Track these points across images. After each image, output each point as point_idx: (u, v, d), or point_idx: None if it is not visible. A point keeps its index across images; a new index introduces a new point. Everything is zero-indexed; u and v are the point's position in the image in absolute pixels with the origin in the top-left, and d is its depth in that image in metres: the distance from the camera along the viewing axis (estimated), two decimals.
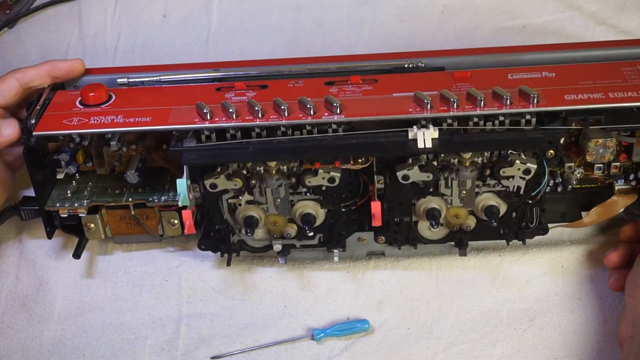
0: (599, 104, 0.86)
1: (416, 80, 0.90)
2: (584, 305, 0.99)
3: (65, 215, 0.93)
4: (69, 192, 0.94)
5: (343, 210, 0.92)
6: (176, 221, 0.95)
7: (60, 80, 0.95)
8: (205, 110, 0.86)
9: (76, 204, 0.93)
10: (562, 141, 0.88)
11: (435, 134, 0.84)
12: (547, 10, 1.08)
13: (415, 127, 0.85)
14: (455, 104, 0.85)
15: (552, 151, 0.86)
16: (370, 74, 0.94)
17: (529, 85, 0.87)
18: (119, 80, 0.96)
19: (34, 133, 0.88)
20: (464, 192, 0.90)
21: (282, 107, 0.86)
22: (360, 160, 0.88)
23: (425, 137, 0.84)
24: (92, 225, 0.95)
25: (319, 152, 0.86)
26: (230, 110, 0.86)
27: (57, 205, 0.93)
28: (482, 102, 0.85)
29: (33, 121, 0.88)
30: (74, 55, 1.07)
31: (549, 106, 0.86)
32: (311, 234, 0.92)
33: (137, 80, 0.96)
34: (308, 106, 0.86)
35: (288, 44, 1.07)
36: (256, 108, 0.86)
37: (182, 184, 0.87)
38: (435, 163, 0.88)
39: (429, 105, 0.85)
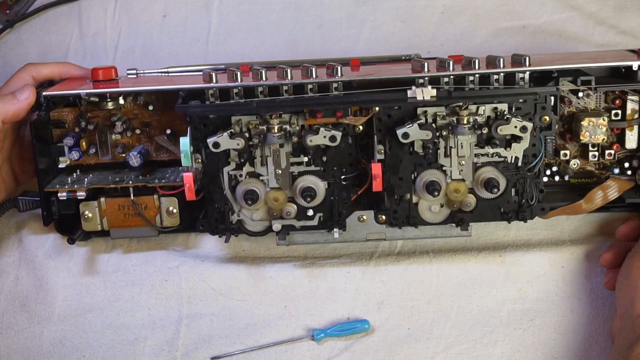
0: (589, 64, 0.92)
1: (413, 63, 0.94)
2: (584, 305, 0.99)
3: (64, 197, 0.93)
4: (69, 180, 0.95)
5: (344, 183, 0.91)
6: (175, 210, 0.94)
7: None
8: (211, 74, 0.90)
9: (76, 186, 0.93)
10: (556, 128, 0.93)
11: (433, 92, 0.88)
12: (547, 10, 1.08)
13: (413, 86, 0.89)
14: (451, 66, 0.90)
15: (546, 117, 0.89)
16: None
17: None
18: (127, 72, 0.99)
19: (43, 93, 0.92)
20: (463, 162, 0.90)
21: (286, 70, 0.90)
22: (361, 114, 0.89)
23: (424, 94, 0.88)
24: (89, 214, 0.94)
25: (321, 104, 0.89)
26: (236, 72, 0.90)
27: (57, 187, 0.93)
28: (477, 64, 0.91)
29: (45, 93, 0.92)
30: (74, 56, 1.07)
31: (541, 66, 0.91)
32: (311, 212, 0.92)
33: (144, 72, 1.00)
34: (311, 68, 0.90)
35: (288, 45, 1.07)
36: (260, 71, 0.90)
37: (185, 142, 0.88)
38: (434, 125, 0.89)
39: (426, 68, 0.90)
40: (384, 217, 0.92)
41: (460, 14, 1.08)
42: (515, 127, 0.88)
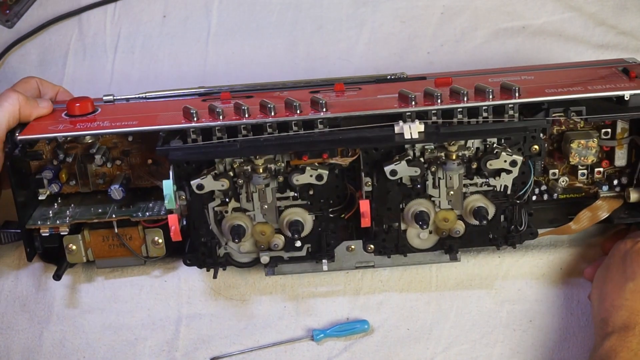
0: (579, 94, 0.88)
1: (399, 86, 0.91)
2: (583, 307, 0.99)
3: (47, 234, 0.92)
4: (50, 212, 0.93)
5: (331, 215, 0.91)
6: (160, 240, 0.93)
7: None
8: (192, 112, 0.87)
9: (58, 222, 0.92)
10: (545, 145, 0.91)
11: (421, 127, 0.85)
12: (547, 11, 1.08)
13: (400, 121, 0.86)
14: (439, 99, 0.87)
15: (536, 146, 0.87)
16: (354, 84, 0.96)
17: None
18: (104, 97, 0.95)
19: (18, 137, 0.88)
20: (452, 192, 0.90)
21: (269, 106, 0.87)
22: (348, 154, 0.88)
23: (412, 130, 0.85)
24: (74, 247, 0.93)
25: (306, 145, 0.86)
26: (217, 110, 0.86)
27: (39, 223, 0.92)
28: (465, 96, 0.87)
29: (17, 133, 0.88)
30: (74, 56, 1.07)
31: (531, 97, 0.87)
32: (299, 244, 0.91)
33: (122, 97, 0.96)
34: (294, 104, 0.87)
35: (288, 45, 1.07)
36: (242, 108, 0.86)
37: (168, 185, 0.86)
38: (422, 160, 0.88)
39: (413, 101, 0.87)
40: (372, 246, 0.92)
41: (460, 15, 1.08)
42: (505, 161, 0.87)
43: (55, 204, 0.95)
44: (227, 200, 0.89)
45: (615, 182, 0.96)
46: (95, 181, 0.96)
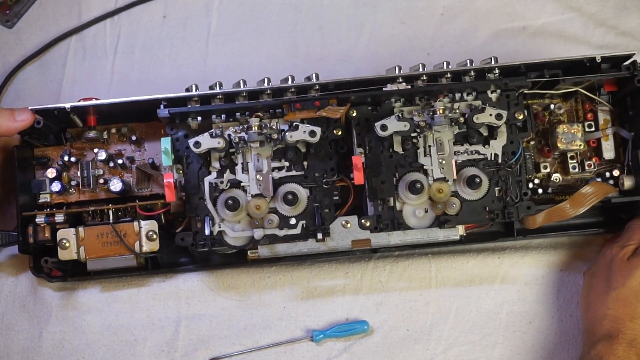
0: (555, 58, 0.94)
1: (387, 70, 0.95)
2: None
3: (42, 221, 0.93)
4: (48, 209, 0.95)
5: (325, 187, 0.91)
6: (155, 235, 0.93)
7: None
8: (192, 85, 0.91)
9: (55, 209, 0.94)
10: (532, 143, 0.97)
11: (408, 87, 0.90)
12: (547, 11, 1.08)
13: (388, 84, 0.90)
14: (424, 67, 0.92)
15: (522, 115, 0.91)
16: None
17: None
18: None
19: (29, 107, 0.91)
20: (443, 160, 0.91)
21: (265, 78, 0.92)
22: (340, 108, 0.90)
23: (399, 87, 0.90)
24: (67, 243, 0.93)
25: (299, 100, 0.90)
26: (217, 82, 0.91)
27: (35, 210, 0.94)
28: (447, 65, 0.92)
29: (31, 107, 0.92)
30: (74, 56, 1.07)
31: (509, 62, 0.92)
32: (294, 221, 0.91)
33: None
34: (289, 82, 0.92)
35: (287, 46, 1.07)
36: (240, 83, 0.91)
37: (166, 140, 0.89)
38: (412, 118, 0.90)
39: (401, 70, 0.92)
40: (368, 222, 0.91)
41: (460, 15, 1.08)
42: (491, 114, 0.89)
43: (54, 208, 0.95)
44: (222, 165, 0.90)
45: (607, 175, 0.97)
46: (96, 184, 0.96)
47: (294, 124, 0.89)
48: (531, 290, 1.00)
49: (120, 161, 0.96)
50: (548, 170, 0.98)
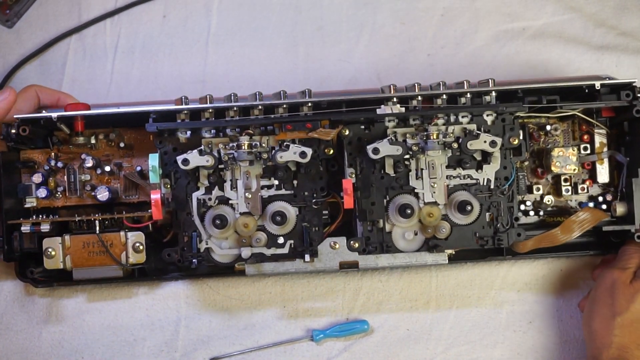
0: (553, 83, 0.93)
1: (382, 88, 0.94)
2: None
3: (27, 230, 0.92)
4: (34, 217, 0.94)
5: (315, 207, 0.91)
6: (142, 246, 0.92)
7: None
8: (182, 98, 0.90)
9: (41, 217, 0.93)
10: (526, 164, 0.96)
11: (402, 110, 0.89)
12: (547, 12, 1.08)
13: (382, 105, 0.89)
14: (419, 88, 0.90)
15: (517, 140, 0.90)
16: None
17: None
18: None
19: (14, 116, 0.89)
20: (435, 184, 0.90)
21: (257, 93, 0.90)
22: (331, 133, 0.89)
23: (393, 110, 0.89)
24: (53, 251, 0.92)
25: (290, 121, 0.89)
26: (208, 95, 0.89)
27: (21, 219, 0.92)
28: (443, 86, 0.91)
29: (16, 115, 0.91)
30: (74, 56, 1.07)
31: (506, 85, 0.91)
32: (281, 240, 0.90)
33: None
34: (283, 92, 0.90)
35: (287, 46, 1.07)
36: (232, 97, 0.90)
37: (154, 157, 0.88)
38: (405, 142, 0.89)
39: (395, 90, 0.91)
40: (356, 244, 0.90)
41: (460, 16, 1.08)
42: (485, 141, 0.88)
43: (41, 216, 0.94)
44: (211, 182, 0.89)
45: (600, 199, 0.97)
46: (83, 190, 0.96)
47: (285, 143, 0.88)
48: (531, 291, 1.00)
49: (107, 168, 0.95)
50: (541, 192, 0.97)
